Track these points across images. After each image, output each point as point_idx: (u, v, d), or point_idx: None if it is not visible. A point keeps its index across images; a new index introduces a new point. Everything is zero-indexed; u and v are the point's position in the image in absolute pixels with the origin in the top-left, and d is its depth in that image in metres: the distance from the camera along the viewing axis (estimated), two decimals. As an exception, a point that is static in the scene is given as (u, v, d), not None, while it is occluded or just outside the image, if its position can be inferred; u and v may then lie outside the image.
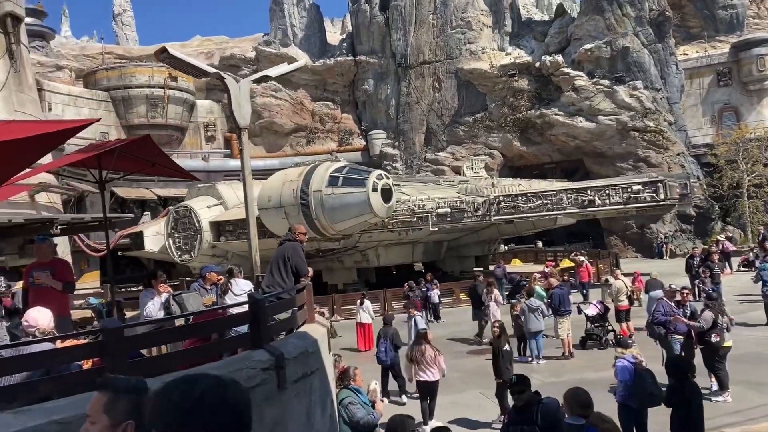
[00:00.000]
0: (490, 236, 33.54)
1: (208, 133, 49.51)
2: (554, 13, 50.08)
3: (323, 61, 51.29)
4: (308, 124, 51.98)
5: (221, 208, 29.47)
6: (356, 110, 52.45)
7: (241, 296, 7.16)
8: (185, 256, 29.75)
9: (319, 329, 6.34)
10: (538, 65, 44.76)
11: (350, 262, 30.48)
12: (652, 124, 41.13)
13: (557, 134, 44.31)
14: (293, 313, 6.02)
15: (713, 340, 11.11)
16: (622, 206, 26.37)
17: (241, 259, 25.58)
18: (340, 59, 50.87)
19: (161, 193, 41.77)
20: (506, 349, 11.14)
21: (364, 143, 50.74)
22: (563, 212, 27.11)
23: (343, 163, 26.42)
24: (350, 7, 52.65)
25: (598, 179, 32.63)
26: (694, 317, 11.43)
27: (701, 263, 22.11)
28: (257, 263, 8.92)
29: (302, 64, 11.22)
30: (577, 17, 45.35)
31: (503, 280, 25.42)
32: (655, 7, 42.20)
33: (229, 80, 8.98)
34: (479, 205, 27.65)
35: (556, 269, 24.98)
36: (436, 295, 23.03)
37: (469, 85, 47.12)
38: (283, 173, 26.54)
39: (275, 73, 10.30)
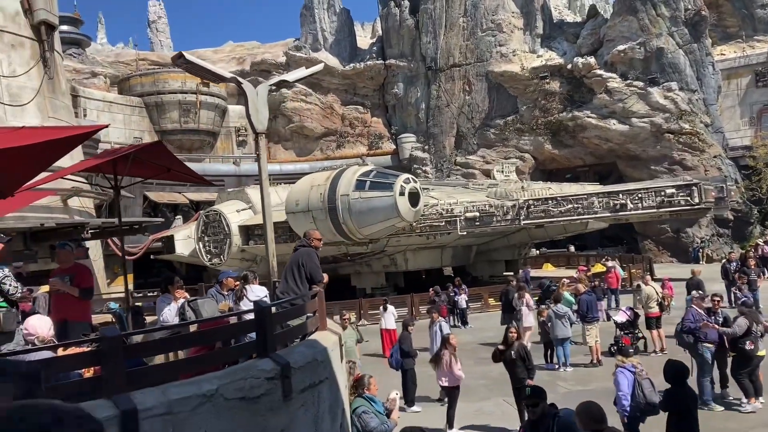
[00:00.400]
0: (520, 240, 33.15)
1: (239, 137, 49.96)
2: (587, 14, 49.42)
3: (353, 65, 51.39)
4: (338, 128, 52.12)
5: (250, 212, 29.64)
6: (386, 114, 52.42)
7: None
8: (215, 259, 29.99)
9: (330, 337, 6.24)
10: (570, 67, 44.20)
11: (379, 266, 30.38)
12: (687, 126, 40.27)
13: (590, 137, 43.69)
14: (303, 320, 5.94)
15: (747, 347, 10.73)
16: (655, 210, 25.83)
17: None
18: (369, 63, 50.91)
19: (193, 197, 42.25)
20: (513, 356, 10.90)
21: (394, 147, 50.69)
22: (594, 216, 26.66)
23: (370, 167, 26.34)
24: (380, 11, 52.68)
25: (631, 183, 32.05)
26: (726, 324, 11.05)
27: (738, 269, 21.46)
28: (274, 268, 8.88)
29: (320, 68, 11.16)
30: (610, 18, 44.67)
31: (527, 285, 25.01)
32: (690, 6, 41.33)
33: (246, 85, 8.97)
34: (508, 209, 27.34)
35: (588, 274, 24.48)
36: (463, 300, 22.79)
37: (499, 87, 46.75)
38: (310, 177, 26.58)
39: (293, 77, 10.26)
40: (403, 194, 24.33)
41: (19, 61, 22.58)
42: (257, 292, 7.65)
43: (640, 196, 25.66)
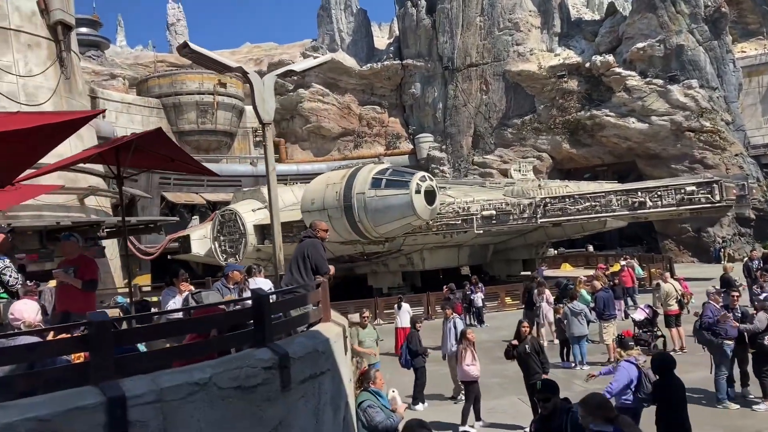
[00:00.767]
0: (537, 239, 32.79)
1: (256, 138, 50.06)
2: (605, 12, 48.89)
3: (370, 65, 51.32)
4: (356, 128, 52.08)
5: (266, 211, 29.58)
6: (403, 114, 52.30)
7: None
8: (230, 259, 29.98)
9: (333, 328, 6.08)
10: (588, 66, 43.76)
11: (395, 265, 30.19)
12: (708, 124, 39.65)
13: (608, 136, 43.20)
14: (305, 310, 5.79)
15: (767, 343, 10.44)
16: (674, 208, 25.37)
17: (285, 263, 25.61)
18: (387, 63, 50.83)
19: (210, 197, 42.41)
20: (527, 350, 10.68)
21: (411, 147, 50.55)
22: (612, 214, 26.26)
23: (386, 165, 26.19)
24: (397, 11, 52.60)
25: (650, 180, 31.57)
26: (745, 320, 10.74)
27: (760, 267, 20.96)
28: (281, 262, 8.76)
29: (329, 58, 11.05)
30: (628, 15, 44.16)
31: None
32: (710, 3, 40.71)
33: (252, 75, 8.87)
34: (525, 207, 27.04)
35: (607, 273, 24.07)
36: (479, 298, 22.52)
37: (517, 87, 46.41)
38: (326, 176, 26.48)
39: (300, 67, 10.14)
40: (419, 192, 24.13)
41: (35, 61, 22.77)
42: (261, 284, 7.53)
43: (659, 193, 25.23)
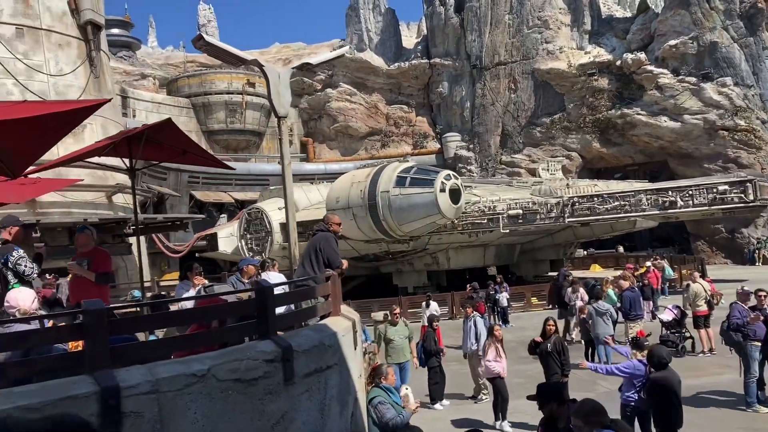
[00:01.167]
0: (565, 239, 32.30)
1: (284, 137, 50.23)
2: (636, 9, 48.08)
3: (398, 64, 51.19)
4: (383, 127, 51.99)
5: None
6: (431, 113, 52.06)
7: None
8: (257, 257, 30.10)
9: (342, 322, 5.97)
10: (619, 63, 43.06)
11: (420, 264, 30.01)
12: (743, 122, 38.74)
13: (639, 135, 42.47)
14: (310, 303, 5.69)
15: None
16: (706, 207, 24.80)
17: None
18: (414, 62, 50.65)
19: (238, 196, 42.70)
20: (549, 349, 10.46)
21: (438, 146, 50.30)
22: (642, 214, 25.75)
23: (410, 163, 26.05)
24: (425, 9, 52.42)
25: (682, 180, 30.92)
26: (773, 321, 10.38)
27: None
28: (296, 257, 8.70)
29: (345, 51, 10.95)
30: (661, 12, 43.37)
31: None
32: (746, -2, 39.79)
33: (267, 68, 8.82)
34: (552, 206, 26.67)
35: (636, 273, 23.55)
36: (504, 298, 22.24)
37: (546, 85, 45.88)
38: (351, 174, 26.44)
39: (316, 60, 10.08)
40: (443, 191, 23.97)
41: (65, 60, 23.09)
42: (273, 278, 7.44)
43: (690, 193, 24.68)
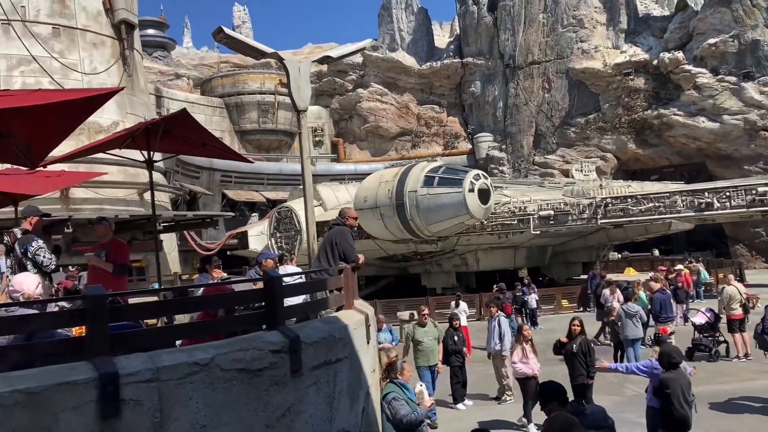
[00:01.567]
0: (598, 241, 31.72)
1: (315, 137, 50.47)
2: (675, 7, 47.10)
3: (430, 64, 50.98)
4: (414, 127, 51.80)
5: (321, 209, 29.67)
6: (462, 113, 51.72)
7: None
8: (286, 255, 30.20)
9: (354, 315, 5.87)
10: (655, 63, 42.22)
11: (449, 265, 29.76)
12: (785, 122, 37.66)
13: (676, 136, 41.58)
14: (318, 295, 5.60)
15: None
16: (744, 210, 24.08)
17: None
18: (446, 62, 50.40)
19: (270, 195, 42.99)
20: (574, 350, 10.20)
21: (470, 147, 49.94)
22: (677, 216, 25.13)
23: (439, 163, 25.86)
24: (458, 9, 52.14)
25: (719, 181, 30.14)
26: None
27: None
28: (314, 251, 8.63)
29: (368, 43, 10.83)
30: (700, 10, 42.39)
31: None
32: (790, -5, 38.68)
33: (288, 61, 8.78)
34: (585, 207, 26.20)
35: (670, 276, 22.95)
36: (533, 299, 21.91)
37: (580, 85, 45.22)
38: (379, 174, 26.36)
39: (337, 53, 10.00)
40: (472, 191, 23.71)
41: (100, 59, 23.53)
42: (289, 271, 7.38)
43: (728, 194, 24.01)
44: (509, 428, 10.85)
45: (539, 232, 26.55)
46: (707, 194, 24.34)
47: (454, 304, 18.98)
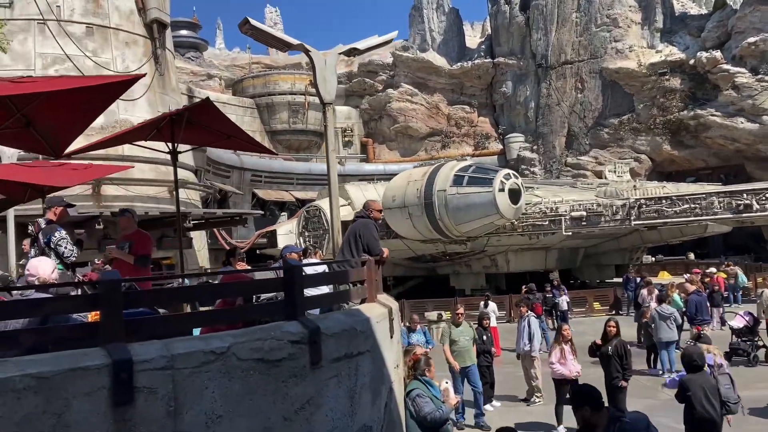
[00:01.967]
0: (632, 244, 31.09)
1: (345, 138, 50.50)
2: (713, 5, 46.09)
3: (460, 64, 50.65)
4: (444, 128, 51.50)
5: (349, 208, 29.57)
6: (493, 113, 51.27)
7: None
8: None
9: (377, 309, 5.71)
10: (692, 62, 41.34)
11: (478, 266, 29.46)
12: (828, 123, 36.55)
13: (714, 137, 40.65)
14: (341, 287, 5.47)
15: None
16: (785, 212, 23.37)
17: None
18: (477, 62, 50.02)
19: (299, 195, 43.09)
20: (609, 352, 9.89)
21: (501, 147, 49.48)
22: (714, 217, 24.47)
23: (468, 162, 25.60)
24: (489, 8, 51.76)
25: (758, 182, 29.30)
26: None
27: None
28: (338, 244, 8.51)
29: (394, 35, 10.65)
30: (739, 8, 41.37)
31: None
32: (833, -8, 37.58)
33: (314, 53, 8.68)
34: (618, 208, 25.69)
35: (707, 280, 22.31)
36: (564, 301, 21.51)
37: (614, 85, 44.50)
38: (407, 173, 26.21)
39: (363, 45, 9.85)
40: (502, 190, 23.42)
41: (132, 57, 23.73)
42: (316, 266, 7.26)
43: (767, 195, 23.32)
44: (538, 430, 10.61)
45: (571, 233, 26.12)
46: (746, 195, 23.67)
47: (483, 304, 18.75)
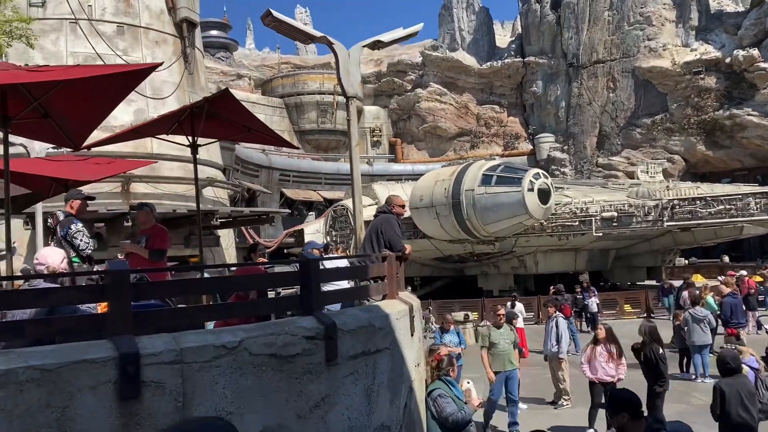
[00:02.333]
0: (664, 245, 30.41)
1: (374, 138, 50.43)
2: (750, 3, 44.96)
3: (490, 63, 50.24)
4: (473, 128, 51.12)
5: (376, 207, 29.49)
6: (523, 113, 50.74)
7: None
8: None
9: (397, 305, 5.54)
10: (728, 61, 40.40)
11: (507, 267, 29.09)
12: None
13: (750, 137, 39.69)
14: (361, 283, 5.31)
15: None
16: (825, 213, 22.67)
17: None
18: (507, 61, 49.55)
19: (327, 195, 43.13)
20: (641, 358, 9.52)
21: (530, 147, 48.95)
22: (750, 219, 23.82)
23: (497, 161, 25.29)
24: (520, 7, 51.28)
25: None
26: None
27: None
28: (360, 240, 8.37)
29: (419, 28, 10.45)
30: (777, 5, 40.37)
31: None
32: None
33: (337, 45, 8.55)
34: (650, 209, 25.19)
35: (742, 283, 21.67)
36: (594, 303, 21.10)
37: (647, 84, 43.71)
38: (435, 172, 26.00)
39: (388, 38, 9.69)
40: (532, 190, 23.08)
41: (161, 56, 23.85)
42: (335, 260, 7.12)
43: (807, 197, 22.64)
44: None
45: (601, 234, 25.67)
46: (784, 196, 23.02)
47: (509, 304, 18.44)
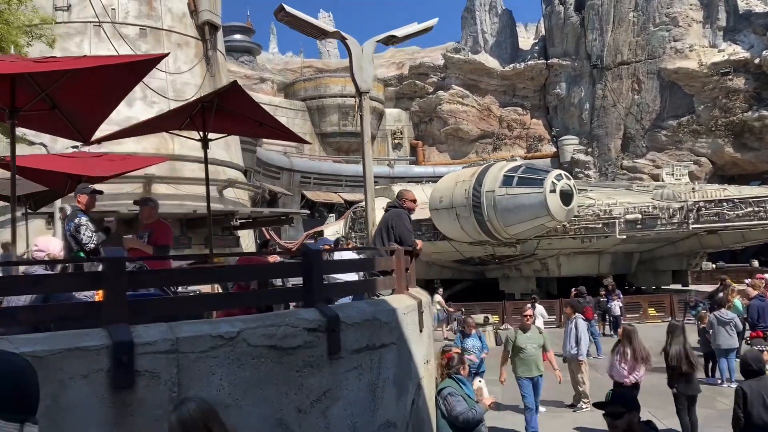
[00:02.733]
0: (690, 248, 29.82)
1: (395, 140, 50.35)
2: (779, 2, 44.21)
3: (513, 65, 49.91)
4: (495, 130, 50.81)
5: (386, 202, 29.37)
6: (546, 115, 50.32)
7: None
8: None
9: (405, 300, 5.42)
10: (758, 62, 39.67)
11: (529, 270, 28.77)
12: None
13: (780, 139, 38.90)
14: (371, 276, 5.20)
15: None
16: None
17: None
18: (530, 63, 49.19)
19: (347, 197, 43.16)
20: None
21: (554, 149, 48.49)
22: (779, 221, 23.30)
23: (519, 162, 25.03)
24: (543, 9, 50.88)
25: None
26: None
27: None
28: (371, 235, 8.28)
29: (434, 22, 10.32)
30: (808, 5, 39.60)
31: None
32: None
33: (350, 40, 8.49)
34: (675, 211, 24.73)
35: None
36: (617, 306, 20.75)
37: (673, 86, 43.06)
38: (455, 173, 25.81)
39: (402, 33, 9.59)
40: (554, 191, 22.80)
41: (184, 59, 24.06)
42: (344, 256, 7.03)
43: (838, 199, 22.06)
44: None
45: (625, 236, 25.27)
46: (814, 198, 22.45)
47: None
